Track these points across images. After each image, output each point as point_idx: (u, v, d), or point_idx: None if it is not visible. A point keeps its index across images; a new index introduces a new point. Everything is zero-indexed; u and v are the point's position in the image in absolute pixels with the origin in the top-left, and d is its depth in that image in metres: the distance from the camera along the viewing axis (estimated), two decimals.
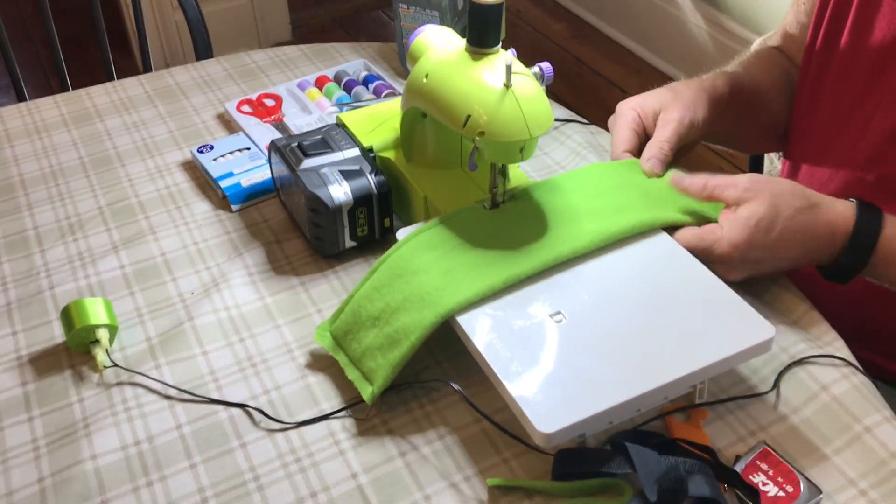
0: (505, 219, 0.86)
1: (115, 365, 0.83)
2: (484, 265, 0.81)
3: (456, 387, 0.76)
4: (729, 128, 1.00)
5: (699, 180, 0.87)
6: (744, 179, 0.84)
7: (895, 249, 0.82)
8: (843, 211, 0.83)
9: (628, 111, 0.94)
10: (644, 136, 0.93)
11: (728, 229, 0.82)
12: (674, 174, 0.89)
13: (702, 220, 0.85)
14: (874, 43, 0.91)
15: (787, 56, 1.08)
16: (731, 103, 0.97)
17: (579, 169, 0.93)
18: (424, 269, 0.81)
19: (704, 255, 0.83)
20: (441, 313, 0.77)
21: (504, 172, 0.88)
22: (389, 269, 0.83)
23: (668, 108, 0.93)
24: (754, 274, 0.85)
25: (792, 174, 1.05)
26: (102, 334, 0.84)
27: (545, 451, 0.74)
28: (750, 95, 1.01)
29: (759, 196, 0.82)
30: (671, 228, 0.86)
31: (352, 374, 0.80)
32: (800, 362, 0.81)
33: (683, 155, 0.97)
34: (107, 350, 0.84)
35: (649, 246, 0.84)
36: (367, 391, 0.78)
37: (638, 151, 0.92)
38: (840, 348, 0.82)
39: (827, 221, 0.82)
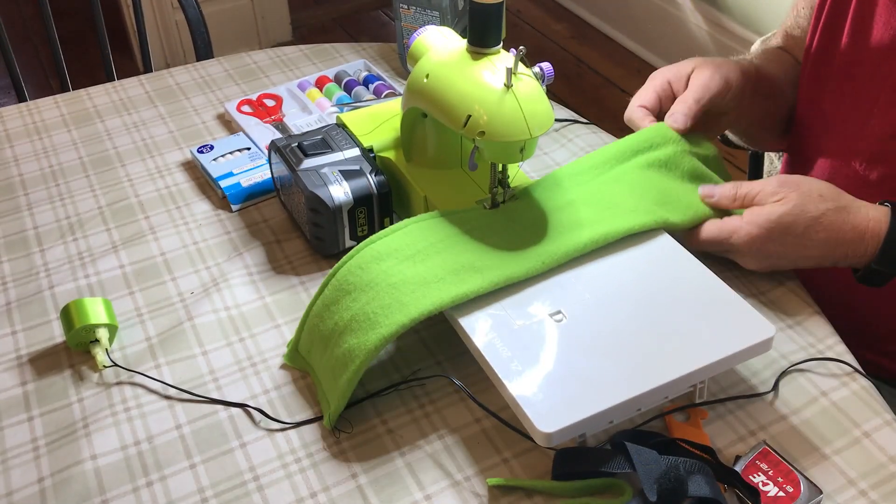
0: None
1: (115, 364, 0.83)
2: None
3: (457, 382, 0.77)
4: (755, 116, 1.00)
5: (728, 191, 0.86)
6: (773, 182, 0.84)
7: None
8: (875, 216, 0.82)
9: (659, 76, 0.94)
10: (668, 103, 0.93)
11: (748, 221, 0.82)
12: (702, 188, 0.88)
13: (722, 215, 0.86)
14: (873, 42, 0.91)
15: (792, 56, 1.08)
16: (759, 87, 0.97)
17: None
18: (373, 284, 0.79)
19: (724, 246, 0.84)
20: (384, 335, 0.75)
21: (505, 183, 0.88)
22: (337, 286, 0.81)
23: (701, 67, 0.92)
24: (774, 267, 0.86)
25: (791, 173, 1.05)
26: (102, 334, 0.84)
27: (549, 448, 0.73)
28: (772, 85, 1.01)
29: (788, 195, 0.82)
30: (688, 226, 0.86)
31: (319, 393, 0.80)
32: (800, 366, 0.81)
33: (713, 130, 0.96)
34: (106, 350, 0.83)
35: (650, 245, 0.84)
36: (325, 414, 0.78)
37: (654, 111, 0.92)
38: (842, 353, 0.82)
39: (855, 226, 0.82)
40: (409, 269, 0.80)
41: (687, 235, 0.87)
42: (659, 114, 0.94)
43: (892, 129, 0.91)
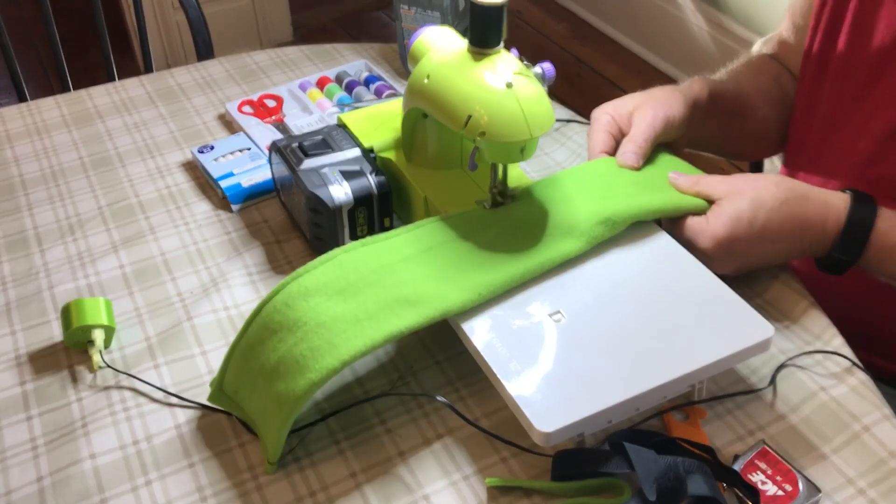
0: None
1: (108, 366, 0.83)
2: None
3: (441, 399, 0.76)
4: (713, 134, 1.00)
5: (692, 177, 0.87)
6: (728, 180, 0.85)
7: (890, 244, 0.81)
8: (835, 203, 0.82)
9: (602, 115, 0.94)
10: (620, 138, 0.93)
11: (711, 223, 0.82)
12: (672, 172, 0.89)
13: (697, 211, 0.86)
14: (874, 44, 0.91)
15: (782, 62, 1.08)
16: (712, 107, 0.97)
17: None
18: (300, 323, 0.74)
19: (689, 247, 0.83)
20: (313, 381, 0.71)
21: (504, 192, 0.88)
22: (262, 325, 0.76)
23: (641, 106, 0.93)
24: (744, 268, 0.85)
25: (791, 176, 1.05)
26: (98, 335, 0.84)
27: (541, 453, 0.74)
28: (734, 101, 1.01)
29: (742, 190, 0.82)
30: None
31: (257, 430, 0.77)
32: (798, 363, 0.81)
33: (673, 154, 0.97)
34: (100, 351, 0.83)
35: (648, 245, 0.84)
36: (265, 459, 0.74)
37: (613, 152, 0.92)
38: (840, 346, 0.82)
39: (816, 212, 0.82)
40: (338, 305, 0.75)
41: (668, 224, 0.88)
42: (615, 146, 0.94)
43: (892, 129, 0.91)
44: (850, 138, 0.95)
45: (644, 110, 0.92)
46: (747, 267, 0.86)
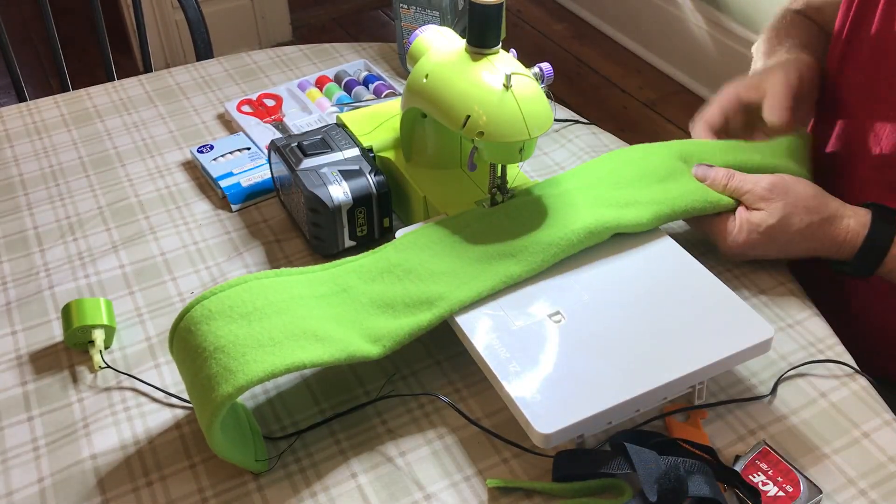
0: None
1: (109, 367, 0.83)
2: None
3: (444, 398, 0.76)
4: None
5: (722, 174, 0.88)
6: (765, 182, 0.85)
7: None
8: (854, 228, 0.84)
9: (728, 92, 0.95)
10: (737, 116, 0.95)
11: (738, 230, 0.85)
12: (697, 167, 0.89)
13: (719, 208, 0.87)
14: None
15: (814, 22, 1.08)
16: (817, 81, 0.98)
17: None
18: (199, 349, 0.72)
19: (713, 240, 0.88)
20: (213, 412, 0.68)
21: (504, 190, 0.88)
22: (175, 353, 0.75)
23: (770, 72, 0.94)
24: (748, 259, 0.90)
25: (819, 144, 1.03)
26: (98, 335, 0.84)
27: (543, 454, 0.73)
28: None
29: (774, 203, 0.84)
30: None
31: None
32: (799, 369, 0.81)
33: (805, 116, 0.99)
34: (101, 351, 0.83)
35: (649, 246, 0.84)
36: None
37: (718, 132, 0.94)
38: (841, 353, 0.82)
39: (834, 237, 0.84)
40: (241, 328, 0.72)
41: (693, 220, 0.90)
42: (724, 131, 0.95)
43: None
44: (875, 128, 0.94)
45: (775, 73, 0.93)
46: (750, 259, 0.90)
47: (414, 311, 0.77)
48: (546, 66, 0.91)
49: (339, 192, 0.90)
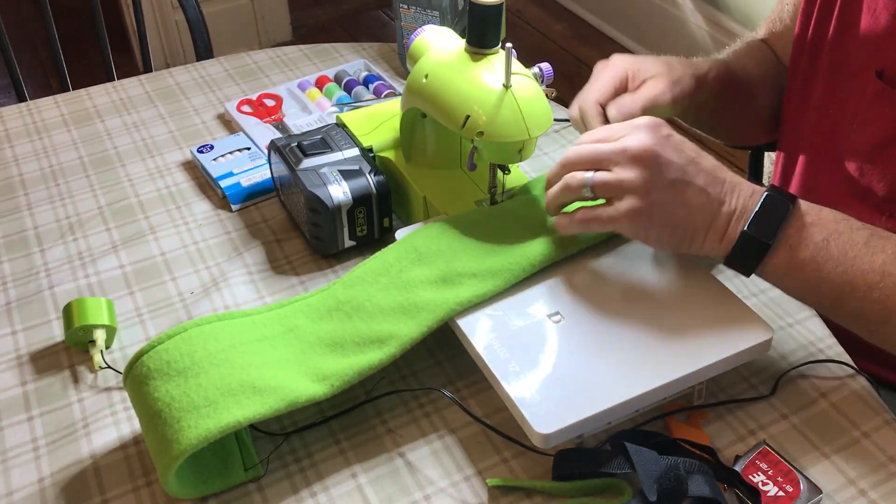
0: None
1: (109, 367, 0.83)
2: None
3: (448, 394, 0.76)
4: (713, 116, 1.02)
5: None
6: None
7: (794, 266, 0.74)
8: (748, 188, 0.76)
9: (620, 67, 0.91)
10: (621, 93, 0.90)
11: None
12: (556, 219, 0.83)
13: None
14: (861, 31, 0.90)
15: (773, 51, 1.09)
16: (718, 91, 0.97)
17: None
18: (141, 413, 0.72)
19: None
20: (165, 482, 0.68)
21: (503, 188, 0.88)
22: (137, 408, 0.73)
23: (658, 78, 0.91)
24: (656, 239, 0.76)
25: (786, 168, 1.05)
26: (99, 335, 0.84)
27: (543, 452, 0.73)
28: (739, 85, 1.01)
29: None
30: None
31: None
32: (799, 369, 0.81)
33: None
34: (101, 351, 0.83)
35: (647, 246, 0.84)
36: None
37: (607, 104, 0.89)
38: (840, 354, 0.82)
39: (731, 178, 0.76)
40: (176, 388, 0.70)
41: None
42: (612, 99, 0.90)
43: (884, 127, 0.90)
44: (844, 130, 0.94)
45: (659, 83, 0.90)
46: (659, 239, 0.76)
47: (364, 349, 0.75)
48: (546, 66, 0.91)
49: (339, 191, 0.90)
